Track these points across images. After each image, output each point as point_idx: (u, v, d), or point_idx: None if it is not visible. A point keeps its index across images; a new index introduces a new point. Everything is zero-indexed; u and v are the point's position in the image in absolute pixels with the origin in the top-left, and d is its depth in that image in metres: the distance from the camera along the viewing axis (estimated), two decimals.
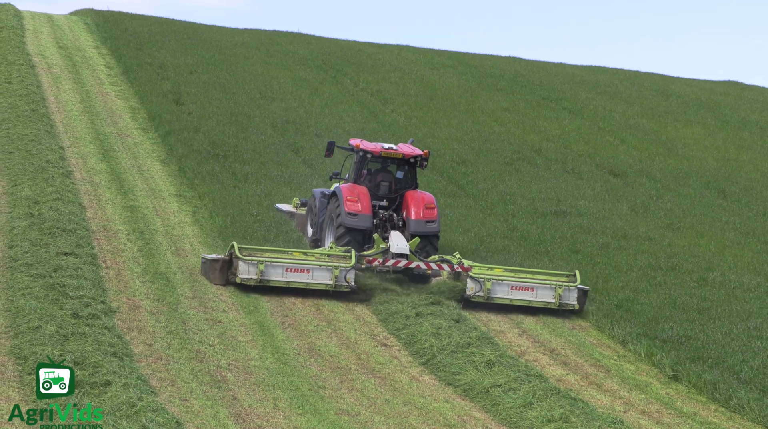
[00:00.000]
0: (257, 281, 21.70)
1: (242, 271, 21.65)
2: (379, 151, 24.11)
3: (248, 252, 22.08)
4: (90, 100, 37.48)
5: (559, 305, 22.56)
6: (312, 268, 21.94)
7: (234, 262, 21.89)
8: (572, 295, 22.60)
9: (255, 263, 21.73)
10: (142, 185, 28.36)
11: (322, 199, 25.04)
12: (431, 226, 23.57)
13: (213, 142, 33.02)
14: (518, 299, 22.51)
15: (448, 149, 37.16)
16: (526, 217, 29.81)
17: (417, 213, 23.56)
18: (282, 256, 22.11)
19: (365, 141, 25.06)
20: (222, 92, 40.84)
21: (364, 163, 24.27)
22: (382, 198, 24.11)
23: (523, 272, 23.06)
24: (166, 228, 24.99)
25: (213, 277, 21.91)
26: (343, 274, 21.99)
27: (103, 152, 31.13)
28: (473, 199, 31.22)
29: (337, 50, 54.54)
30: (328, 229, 24.19)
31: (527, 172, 35.62)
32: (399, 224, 23.92)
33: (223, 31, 55.96)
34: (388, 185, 24.23)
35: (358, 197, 23.50)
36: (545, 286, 22.62)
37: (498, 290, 22.48)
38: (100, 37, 48.80)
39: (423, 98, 45.77)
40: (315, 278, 21.96)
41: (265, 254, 22.07)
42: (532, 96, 49.30)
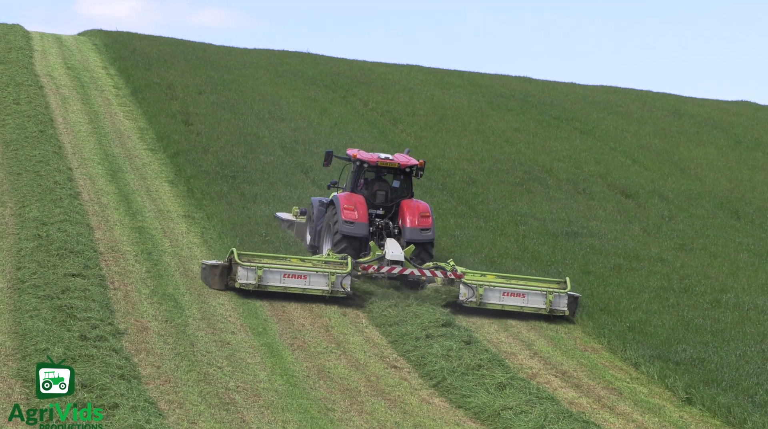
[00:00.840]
0: (256, 286, 22.44)
1: (241, 277, 22.39)
2: (375, 160, 25.05)
3: (247, 258, 22.83)
4: (98, 121, 37.61)
5: (549, 311, 23.42)
6: (309, 274, 22.70)
7: (233, 267, 22.61)
8: (562, 301, 23.52)
9: (254, 269, 22.47)
10: (151, 206, 28.42)
11: (320, 208, 25.90)
12: (426, 234, 24.44)
13: (221, 163, 33.09)
14: (510, 305, 23.38)
15: (458, 169, 37.17)
16: (537, 238, 29.78)
17: (412, 221, 24.43)
18: (280, 263, 22.85)
19: (362, 151, 25.85)
20: (231, 112, 40.95)
21: (360, 172, 25.20)
22: (379, 206, 25.00)
23: (515, 279, 23.93)
24: (175, 249, 25.02)
25: (212, 283, 22.63)
26: (339, 281, 22.70)
27: (112, 173, 31.22)
28: (484, 220, 31.21)
29: (346, 70, 54.67)
30: (326, 237, 24.99)
31: (538, 192, 35.59)
32: (395, 232, 24.80)
33: (232, 51, 56.17)
34: (384, 194, 25.13)
35: (354, 206, 24.38)
36: (536, 293, 23.50)
37: (490, 296, 23.35)
38: (108, 57, 49.02)
39: (433, 118, 45.82)
40: (312, 284, 22.71)
41: (264, 260, 22.81)
42: (543, 116, 49.32)
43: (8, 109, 36.57)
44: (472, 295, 23.30)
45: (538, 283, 23.88)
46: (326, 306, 22.66)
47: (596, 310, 23.86)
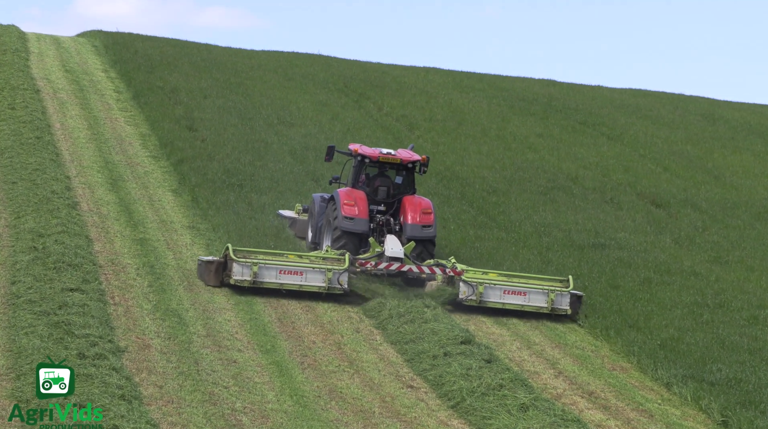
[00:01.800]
0: (251, 283, 23.44)
1: (236, 273, 23.39)
2: (377, 155, 25.93)
3: (242, 254, 23.79)
4: (98, 127, 37.73)
5: (551, 310, 24.38)
6: (305, 271, 23.70)
7: (228, 263, 23.55)
8: (565, 300, 24.45)
9: (249, 265, 23.43)
10: (153, 217, 28.46)
11: (321, 204, 26.86)
12: (427, 231, 25.31)
13: (228, 171, 33.14)
14: (511, 304, 24.33)
15: (477, 178, 37.14)
16: (561, 250, 29.72)
17: (413, 218, 25.30)
18: (276, 259, 23.77)
19: (364, 146, 26.67)
20: (237, 118, 41.03)
21: (362, 167, 26.14)
22: (380, 202, 25.96)
23: (516, 277, 24.84)
24: (178, 262, 25.04)
25: (208, 279, 23.64)
26: (336, 277, 23.67)
27: (112, 182, 31.30)
28: (505, 231, 31.16)
29: (359, 73, 54.73)
30: (326, 233, 25.90)
31: (563, 202, 35.52)
32: (396, 229, 25.65)
33: (239, 53, 56.31)
34: (386, 190, 26.07)
35: (355, 201, 25.33)
36: (538, 291, 24.44)
37: (490, 294, 24.28)
38: (108, 59, 49.20)
39: (451, 123, 45.82)
40: (308, 280, 23.71)
41: (259, 256, 23.75)
42: (568, 121, 49.25)
43: (3, 115, 36.70)
44: (472, 293, 24.16)
45: (539, 281, 24.78)
46: (338, 322, 22.65)
47: (625, 327, 23.76)
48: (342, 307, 23.57)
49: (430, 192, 34.11)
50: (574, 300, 24.62)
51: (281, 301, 23.46)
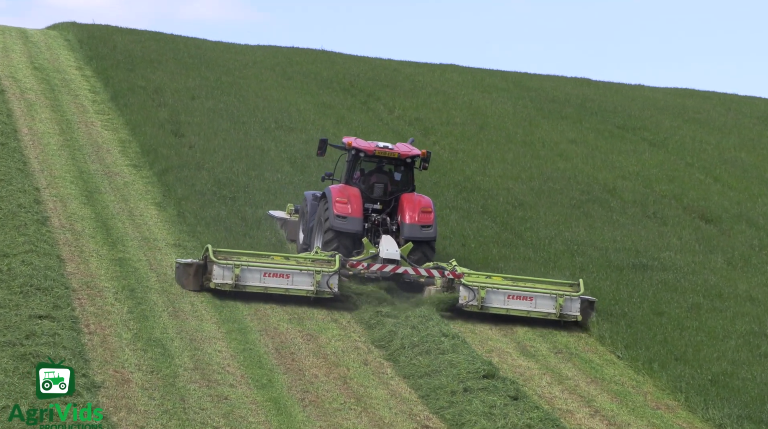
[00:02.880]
0: (233, 286, 24.32)
1: (217, 276, 24.27)
2: (372, 149, 26.74)
3: (224, 255, 24.66)
4: (71, 132, 37.80)
5: (559, 316, 25.15)
6: (292, 273, 24.52)
7: (208, 266, 24.41)
8: (575, 305, 25.21)
9: (230, 267, 24.30)
10: (134, 234, 28.49)
11: (313, 202, 27.57)
12: (427, 232, 26.09)
13: (219, 182, 33.16)
14: (515, 309, 25.13)
15: (501, 189, 37.13)
16: (597, 272, 29.66)
17: (412, 217, 26.09)
18: (260, 260, 24.62)
19: (359, 139, 27.56)
20: (230, 121, 41.08)
21: (356, 162, 26.99)
22: (376, 200, 26.80)
23: (522, 281, 25.70)
24: (163, 285, 25.04)
25: (186, 283, 24.56)
26: (325, 280, 24.47)
27: (87, 194, 31.34)
28: (533, 250, 31.12)
29: (367, 70, 54.78)
30: (317, 233, 26.72)
31: (599, 216, 35.47)
32: (392, 229, 26.46)
33: (231, 49, 56.41)
34: (383, 187, 26.88)
35: (348, 199, 26.11)
36: (545, 296, 25.19)
37: (493, 299, 25.12)
38: (83, 55, 49.33)
39: (472, 128, 45.82)
40: (295, 284, 24.53)
41: (242, 258, 24.60)
42: (605, 125, 49.20)
43: None
44: (473, 298, 24.96)
45: (547, 285, 25.55)
46: (344, 353, 22.62)
47: (671, 360, 23.70)
48: (347, 336, 23.54)
49: (448, 205, 34.11)
50: (586, 306, 25.34)
51: (279, 328, 23.45)
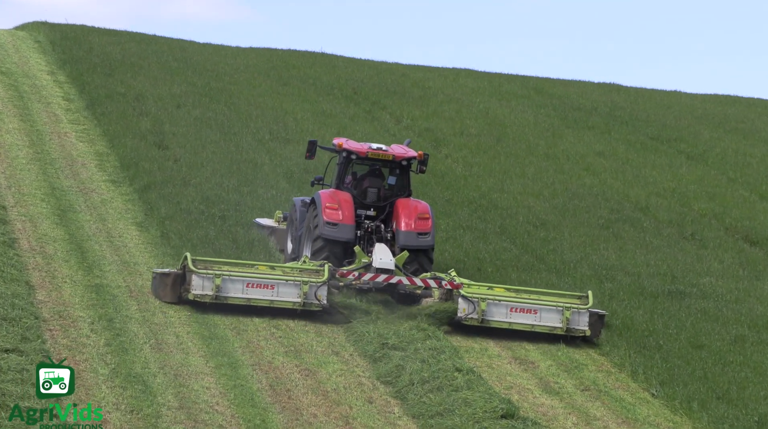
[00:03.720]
0: (213, 298, 25.11)
1: (196, 287, 25.00)
2: (365, 151, 27.66)
3: (204, 264, 25.43)
4: (42, 144, 37.79)
5: (566, 330, 25.92)
6: (277, 284, 25.30)
7: (187, 275, 25.15)
8: (583, 319, 25.99)
9: (211, 277, 25.09)
10: (112, 257, 28.45)
11: (302, 209, 28.39)
12: (424, 240, 26.92)
13: (207, 199, 33.13)
14: (518, 323, 25.89)
15: (521, 207, 37.08)
16: (629, 299, 29.59)
17: (408, 224, 26.94)
18: (242, 270, 25.44)
19: (351, 140, 28.47)
20: (219, 132, 41.07)
21: (348, 165, 27.91)
22: (369, 206, 27.64)
23: (525, 292, 26.56)
24: (144, 314, 25.00)
25: (163, 294, 25.37)
26: (313, 291, 25.26)
27: (60, 213, 31.31)
28: (556, 275, 31.07)
29: (372, 75, 54.81)
30: (306, 242, 27.49)
31: (630, 238, 35.40)
32: (387, 237, 27.30)
33: (221, 51, 56.49)
34: (376, 192, 27.78)
35: (339, 204, 26.94)
36: (550, 308, 26.02)
37: (495, 312, 25.86)
38: (56, 59, 49.39)
39: (488, 139, 45.78)
40: (280, 295, 25.28)
41: (224, 267, 25.43)
42: (636, 135, 49.16)
43: None
44: (472, 310, 25.73)
45: (553, 297, 26.39)
46: (346, 389, 22.57)
47: (712, 399, 23.61)
48: (350, 371, 23.48)
49: (462, 225, 34.05)
50: (595, 319, 26.09)
51: (273, 362, 23.38)
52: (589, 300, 26.30)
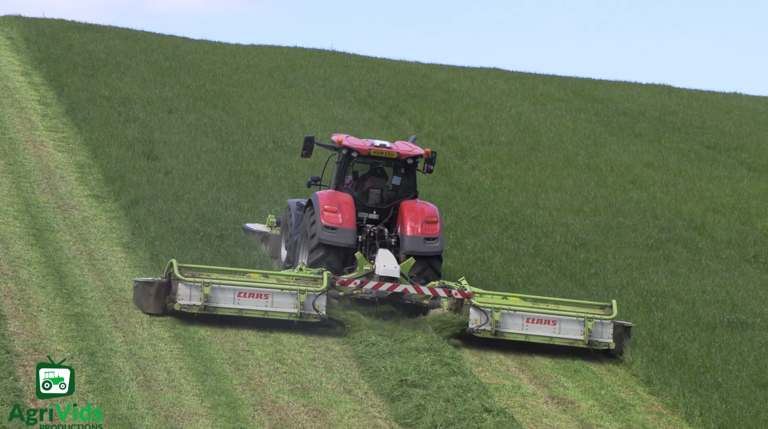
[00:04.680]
0: (201, 309, 25.78)
1: (183, 296, 25.69)
2: (367, 148, 28.31)
3: (191, 272, 26.10)
4: (15, 154, 37.85)
5: (588, 343, 26.72)
6: (271, 293, 25.99)
7: (173, 284, 25.84)
8: (607, 330, 26.82)
9: (199, 286, 25.75)
10: (95, 282, 28.46)
11: (298, 212, 29.15)
12: (432, 245, 27.61)
13: (202, 216, 33.15)
14: (536, 335, 26.63)
15: (559, 225, 37.04)
16: (681, 330, 29.51)
17: (414, 228, 27.62)
18: (233, 278, 26.16)
19: (351, 136, 29.01)
20: (216, 140, 41.11)
21: (349, 164, 28.56)
22: (372, 209, 28.42)
23: (544, 302, 27.28)
24: (131, 347, 24.99)
25: (146, 305, 26.06)
26: (311, 301, 25.87)
27: (35, 233, 31.34)
28: (599, 301, 30.98)
29: (389, 77, 54.86)
30: (302, 247, 28.20)
31: (683, 260, 35.34)
32: (391, 242, 27.99)
33: (218, 49, 56.59)
34: (379, 193, 28.48)
35: (338, 207, 27.61)
36: (571, 319, 26.75)
37: (510, 323, 26.54)
38: (31, 58, 49.52)
39: (521, 148, 45.77)
40: (275, 305, 25.95)
41: (213, 275, 26.12)
42: (690, 144, 49.09)
43: None
44: (485, 321, 26.41)
45: (573, 307, 27.16)
46: None
47: None
48: (364, 411, 23.44)
49: (491, 245, 34.03)
50: (620, 331, 26.96)
51: (278, 402, 23.36)
52: (614, 310, 26.98)
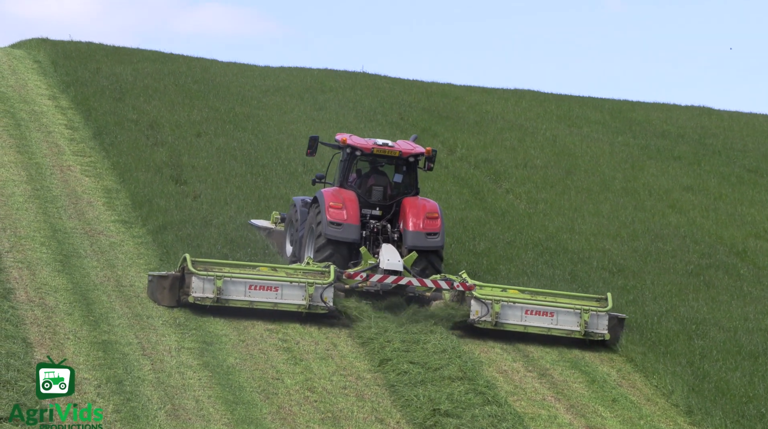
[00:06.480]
0: (214, 301, 27.59)
1: (196, 289, 27.46)
2: (370, 147, 30.16)
3: (204, 266, 27.88)
4: (42, 179, 37.93)
5: (584, 334, 28.63)
6: (281, 286, 27.75)
7: (186, 278, 27.62)
8: (602, 322, 28.70)
9: (211, 279, 27.55)
10: (122, 309, 28.49)
11: (303, 209, 31.04)
12: (433, 240, 29.44)
13: (232, 241, 33.17)
14: (534, 326, 28.51)
15: (596, 250, 36.94)
16: (723, 359, 29.36)
17: (416, 224, 29.45)
18: (244, 271, 27.95)
19: (355, 136, 30.84)
20: (245, 164, 41.13)
21: (352, 162, 30.47)
22: (375, 205, 30.25)
23: (542, 294, 29.12)
24: (158, 375, 24.99)
25: (161, 298, 27.90)
26: (319, 293, 27.70)
27: (62, 259, 31.39)
28: (638, 331, 30.88)
29: (421, 99, 54.82)
30: (308, 242, 29.88)
31: (724, 286, 35.17)
32: (394, 237, 29.78)
33: (248, 72, 56.68)
34: (382, 190, 30.33)
35: (343, 203, 29.43)
36: (568, 311, 28.66)
37: (509, 315, 28.44)
38: (58, 81, 49.65)
39: (556, 171, 45.66)
40: (284, 297, 27.75)
41: (225, 269, 27.88)
42: (731, 167, 48.90)
43: None
44: (486, 312, 28.30)
45: (570, 299, 29.07)
46: None
47: None
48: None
49: (526, 271, 33.95)
50: (615, 323, 28.83)
51: None
52: (608, 302, 28.86)
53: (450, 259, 32.43)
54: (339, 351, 27.11)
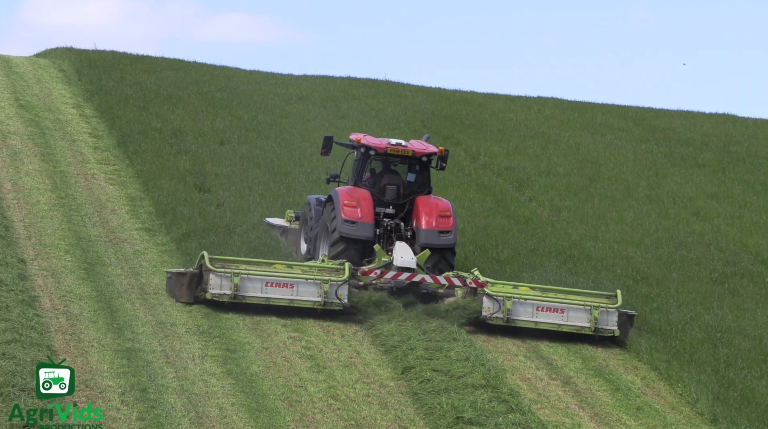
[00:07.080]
0: (231, 297, 28.36)
1: (214, 286, 28.22)
2: (384, 147, 30.92)
3: (221, 263, 28.68)
4: (67, 187, 38.01)
5: (594, 330, 29.24)
6: (297, 283, 28.52)
7: (204, 275, 28.39)
8: (612, 319, 29.34)
9: (229, 276, 28.31)
10: (146, 317, 28.53)
11: (317, 208, 31.80)
12: (445, 238, 30.09)
13: (255, 249, 33.19)
14: (545, 322, 29.12)
15: (619, 258, 36.86)
16: (749, 368, 29.28)
17: (429, 222, 30.16)
18: (261, 269, 28.68)
19: (369, 136, 31.54)
20: (269, 172, 41.16)
21: (366, 161, 31.26)
22: (388, 204, 31.03)
23: (552, 291, 29.85)
24: (182, 383, 25.01)
25: (180, 295, 28.59)
26: (333, 290, 28.40)
27: (87, 267, 31.45)
28: (661, 338, 30.85)
29: (444, 106, 54.83)
30: (323, 240, 30.70)
31: (750, 294, 35.08)
32: (407, 235, 30.54)
33: (271, 80, 56.73)
34: (395, 189, 31.10)
35: (357, 202, 30.12)
36: (578, 308, 29.30)
37: (520, 311, 29.06)
38: (83, 90, 49.76)
39: (579, 179, 45.60)
40: (300, 294, 28.49)
41: (242, 266, 28.62)
42: (756, 175, 48.78)
43: None
44: (497, 309, 28.93)
45: (580, 296, 29.71)
46: None
47: None
48: None
49: (549, 279, 33.92)
50: (624, 320, 29.47)
51: None
52: (618, 299, 29.53)
53: (472, 265, 32.34)
54: (362, 358, 27.12)
